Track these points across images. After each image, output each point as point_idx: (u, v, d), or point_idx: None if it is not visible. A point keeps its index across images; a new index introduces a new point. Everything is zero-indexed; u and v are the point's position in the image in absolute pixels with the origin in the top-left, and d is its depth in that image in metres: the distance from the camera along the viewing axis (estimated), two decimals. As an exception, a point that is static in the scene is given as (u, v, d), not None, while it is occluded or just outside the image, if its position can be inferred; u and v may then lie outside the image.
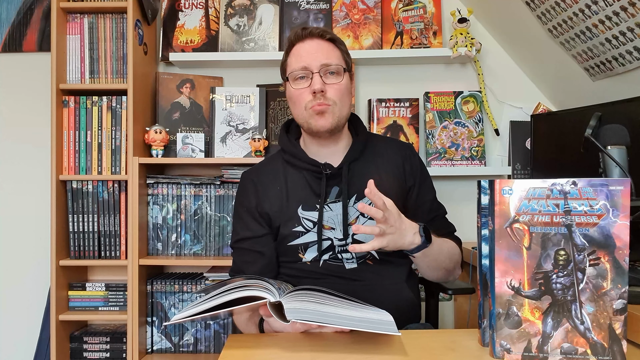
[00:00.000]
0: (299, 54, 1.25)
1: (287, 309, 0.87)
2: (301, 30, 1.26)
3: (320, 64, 1.23)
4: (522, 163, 2.09)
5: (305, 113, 1.24)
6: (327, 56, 1.24)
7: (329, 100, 1.23)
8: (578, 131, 1.28)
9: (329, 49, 1.26)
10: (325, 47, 1.25)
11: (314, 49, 1.24)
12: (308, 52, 1.24)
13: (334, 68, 1.24)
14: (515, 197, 0.81)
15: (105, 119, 1.97)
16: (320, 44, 1.25)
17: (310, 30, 1.26)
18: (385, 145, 1.36)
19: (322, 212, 1.23)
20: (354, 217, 1.24)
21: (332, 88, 1.23)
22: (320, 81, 1.22)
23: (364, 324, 0.87)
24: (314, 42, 1.25)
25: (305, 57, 1.24)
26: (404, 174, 1.32)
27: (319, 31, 1.26)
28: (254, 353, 0.91)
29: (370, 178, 1.26)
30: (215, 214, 2.01)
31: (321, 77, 1.22)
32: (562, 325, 0.80)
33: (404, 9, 2.16)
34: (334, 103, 1.23)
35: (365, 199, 1.23)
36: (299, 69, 1.23)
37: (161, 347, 2.01)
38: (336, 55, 1.27)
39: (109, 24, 1.99)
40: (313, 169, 1.27)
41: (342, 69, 1.25)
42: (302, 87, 1.24)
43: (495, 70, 2.19)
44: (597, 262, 0.79)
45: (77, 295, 2.00)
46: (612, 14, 1.49)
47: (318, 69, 1.22)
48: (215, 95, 2.07)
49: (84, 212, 1.95)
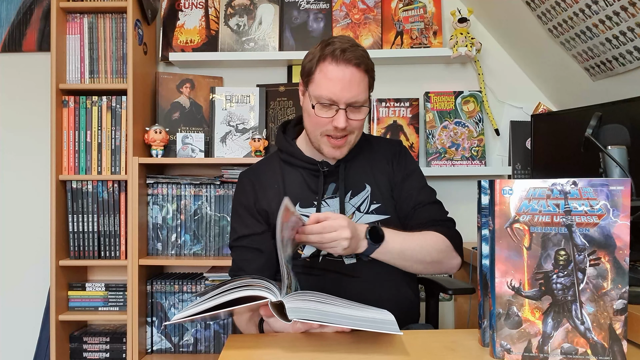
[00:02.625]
0: (330, 78, 1.19)
1: (289, 308, 0.87)
2: (340, 52, 1.18)
3: (349, 102, 1.19)
4: (522, 163, 2.09)
5: (320, 138, 1.25)
6: (357, 92, 1.19)
7: (347, 132, 1.23)
8: (578, 131, 1.28)
9: (360, 80, 1.20)
10: (357, 78, 1.19)
11: (347, 80, 1.18)
12: (340, 82, 1.18)
13: (358, 104, 1.21)
14: (516, 197, 0.81)
15: (105, 119, 1.96)
16: (354, 74, 1.19)
17: (348, 56, 1.18)
18: (377, 143, 1.40)
19: (320, 208, 1.26)
20: (350, 212, 1.27)
21: (353, 123, 1.22)
22: (345, 118, 1.19)
23: (366, 323, 0.87)
24: (348, 71, 1.18)
25: (336, 87, 1.18)
26: (393, 169, 1.34)
27: (356, 61, 1.19)
28: (254, 353, 0.91)
29: (364, 174, 1.31)
30: (215, 214, 2.01)
31: (346, 112, 1.20)
32: (562, 326, 0.80)
33: (404, 8, 2.16)
34: (352, 133, 1.24)
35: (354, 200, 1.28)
36: (327, 98, 1.19)
37: (161, 347, 2.01)
38: (365, 87, 1.22)
39: (108, 23, 1.99)
40: (310, 167, 1.29)
41: (367, 103, 1.23)
42: (326, 116, 1.21)
43: (495, 70, 2.19)
44: (598, 262, 0.79)
45: (77, 296, 2.00)
46: (612, 14, 1.49)
47: (345, 105, 1.19)
48: (215, 95, 2.07)
49: (83, 212, 1.95)
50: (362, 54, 1.21)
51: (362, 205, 1.28)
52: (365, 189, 1.29)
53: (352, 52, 1.19)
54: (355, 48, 1.20)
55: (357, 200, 1.28)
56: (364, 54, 1.22)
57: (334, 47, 1.19)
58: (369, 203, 1.28)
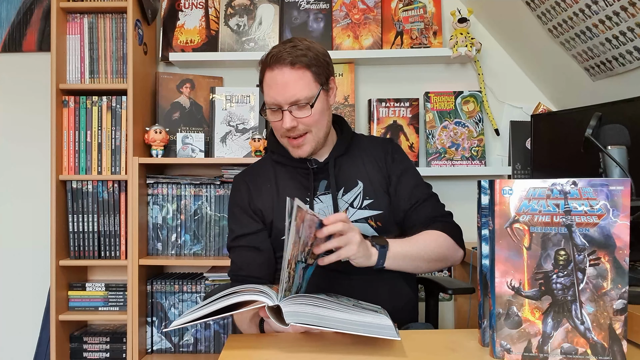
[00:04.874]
0: (268, 85, 1.22)
1: (286, 312, 0.87)
2: (270, 57, 1.21)
3: (289, 102, 1.20)
4: (522, 163, 2.09)
5: (283, 141, 1.29)
6: (295, 90, 1.19)
7: (302, 130, 1.24)
8: (578, 131, 1.28)
9: (297, 78, 1.20)
10: (293, 77, 1.19)
11: (283, 81, 1.19)
12: (277, 85, 1.20)
13: (302, 102, 1.21)
14: (516, 197, 0.81)
15: (105, 119, 1.96)
16: (288, 74, 1.19)
17: (279, 57, 1.19)
18: (368, 142, 1.41)
19: (313, 205, 1.28)
20: (343, 208, 1.29)
21: (303, 121, 1.23)
22: (291, 118, 1.21)
23: (364, 328, 0.87)
24: (282, 73, 1.19)
25: (273, 91, 1.21)
26: (386, 167, 1.35)
27: (290, 59, 1.19)
28: (254, 353, 0.91)
29: (356, 171, 1.32)
30: (215, 214, 2.01)
31: (291, 112, 1.21)
32: (562, 326, 0.80)
33: (404, 8, 2.16)
34: (309, 130, 1.25)
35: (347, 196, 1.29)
36: (270, 103, 1.23)
37: (161, 347, 2.01)
38: (305, 84, 1.21)
39: (108, 24, 1.99)
40: (300, 165, 1.31)
41: (313, 99, 1.22)
42: (276, 120, 1.24)
43: (495, 70, 2.19)
44: (598, 262, 0.79)
45: (77, 296, 2.00)
46: (612, 14, 1.49)
47: (287, 106, 1.21)
48: (215, 95, 2.07)
49: (83, 212, 1.95)
50: (300, 52, 1.20)
51: (355, 201, 1.30)
52: (358, 185, 1.31)
53: (288, 52, 1.19)
54: (292, 49, 1.20)
55: (350, 197, 1.30)
56: (303, 51, 1.20)
57: (270, 54, 1.22)
58: (362, 199, 1.30)
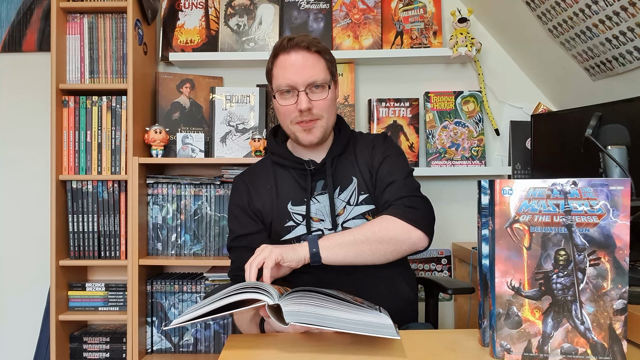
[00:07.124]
0: (284, 67, 1.25)
1: (286, 311, 0.87)
2: (287, 41, 1.24)
3: (307, 83, 1.23)
4: (522, 163, 2.09)
5: (293, 127, 1.29)
6: (312, 72, 1.24)
7: (315, 115, 1.26)
8: (578, 131, 1.28)
9: (314, 61, 1.25)
10: (310, 60, 1.24)
11: (300, 63, 1.23)
12: (293, 66, 1.23)
13: (320, 84, 1.24)
14: (516, 197, 0.81)
15: (105, 119, 1.96)
16: (305, 57, 1.24)
17: (296, 41, 1.24)
18: (362, 139, 1.41)
19: (309, 205, 1.28)
20: (340, 207, 1.29)
21: (318, 104, 1.25)
22: (307, 100, 1.23)
23: (364, 327, 0.86)
24: (299, 56, 1.24)
25: (290, 72, 1.23)
26: (371, 159, 1.35)
27: (305, 43, 1.24)
28: (254, 353, 0.91)
29: (351, 168, 1.32)
30: (215, 214, 2.01)
31: (307, 94, 1.23)
32: (562, 326, 0.80)
33: (404, 8, 2.16)
34: (321, 117, 1.27)
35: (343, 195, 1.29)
36: (285, 85, 1.24)
37: (161, 347, 2.01)
38: (321, 68, 1.26)
39: (108, 23, 1.99)
40: (299, 166, 1.32)
41: (329, 82, 1.26)
42: (289, 104, 1.25)
43: (495, 70, 2.19)
44: (598, 262, 0.79)
45: (77, 296, 2.00)
46: (612, 14, 1.49)
47: (304, 87, 1.23)
48: (215, 95, 2.07)
49: (83, 212, 1.95)
50: (312, 39, 1.26)
51: (351, 198, 1.30)
52: (352, 181, 1.31)
53: (302, 38, 1.25)
54: (304, 36, 1.26)
55: (346, 195, 1.30)
56: (314, 40, 1.27)
57: (282, 40, 1.26)
58: (357, 195, 1.30)
